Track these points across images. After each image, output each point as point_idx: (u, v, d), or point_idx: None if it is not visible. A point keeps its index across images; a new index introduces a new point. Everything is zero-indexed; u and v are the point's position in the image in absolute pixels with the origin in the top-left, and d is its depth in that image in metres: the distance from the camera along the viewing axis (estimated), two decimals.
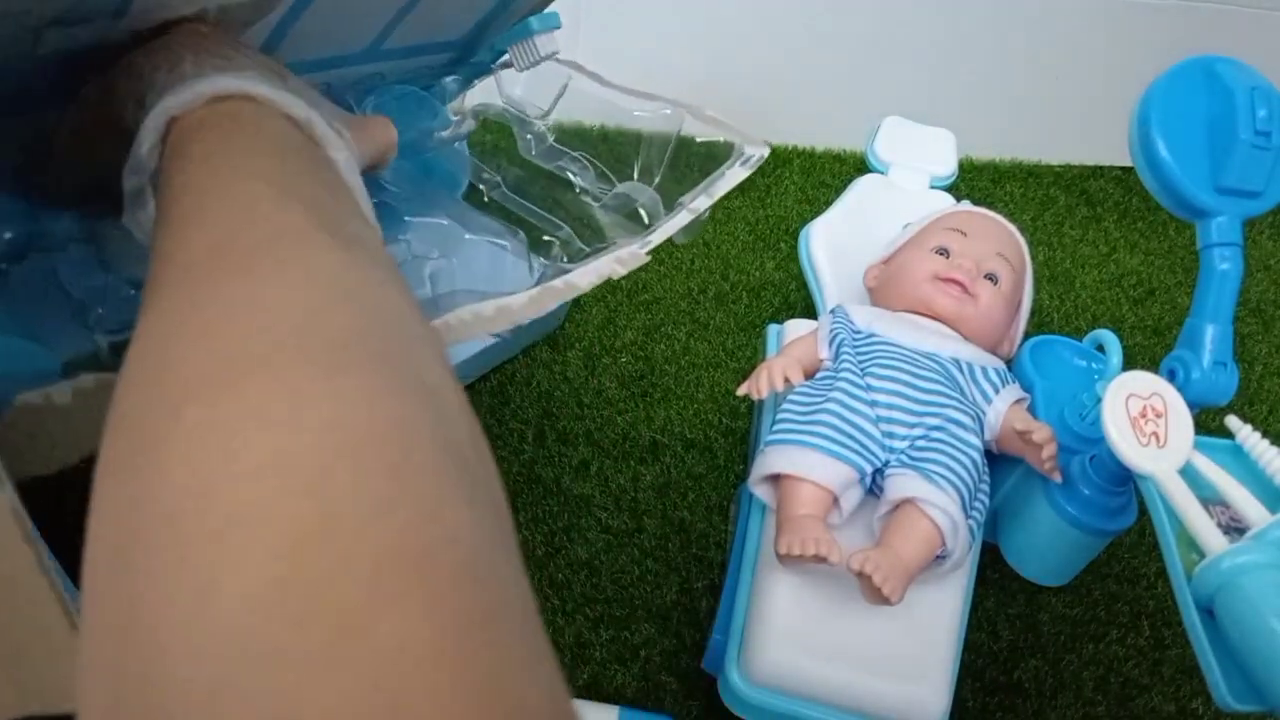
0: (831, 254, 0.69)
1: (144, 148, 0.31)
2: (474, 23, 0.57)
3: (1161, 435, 0.44)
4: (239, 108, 0.32)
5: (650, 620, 0.62)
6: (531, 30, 0.58)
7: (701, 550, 0.66)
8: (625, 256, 0.50)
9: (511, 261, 0.62)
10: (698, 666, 0.59)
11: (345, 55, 0.52)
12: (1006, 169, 1.09)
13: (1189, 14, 1.01)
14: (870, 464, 0.52)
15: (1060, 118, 1.09)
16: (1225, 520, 0.42)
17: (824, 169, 1.04)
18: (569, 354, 0.78)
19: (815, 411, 0.53)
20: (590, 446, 0.71)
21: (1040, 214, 1.03)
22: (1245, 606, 0.37)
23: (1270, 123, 0.47)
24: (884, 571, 0.46)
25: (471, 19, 0.56)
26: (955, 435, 0.52)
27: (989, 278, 0.60)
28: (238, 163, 0.29)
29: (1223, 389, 0.48)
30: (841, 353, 0.57)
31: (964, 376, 0.56)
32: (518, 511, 0.66)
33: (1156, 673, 0.63)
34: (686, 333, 0.81)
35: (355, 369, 0.22)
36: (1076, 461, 0.53)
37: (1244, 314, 0.94)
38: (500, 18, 0.57)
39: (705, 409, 0.75)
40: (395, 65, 0.57)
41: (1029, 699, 0.61)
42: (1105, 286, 0.95)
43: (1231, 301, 0.48)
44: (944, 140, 0.77)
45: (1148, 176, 0.49)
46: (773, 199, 0.99)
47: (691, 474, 0.71)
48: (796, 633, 0.50)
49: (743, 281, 0.88)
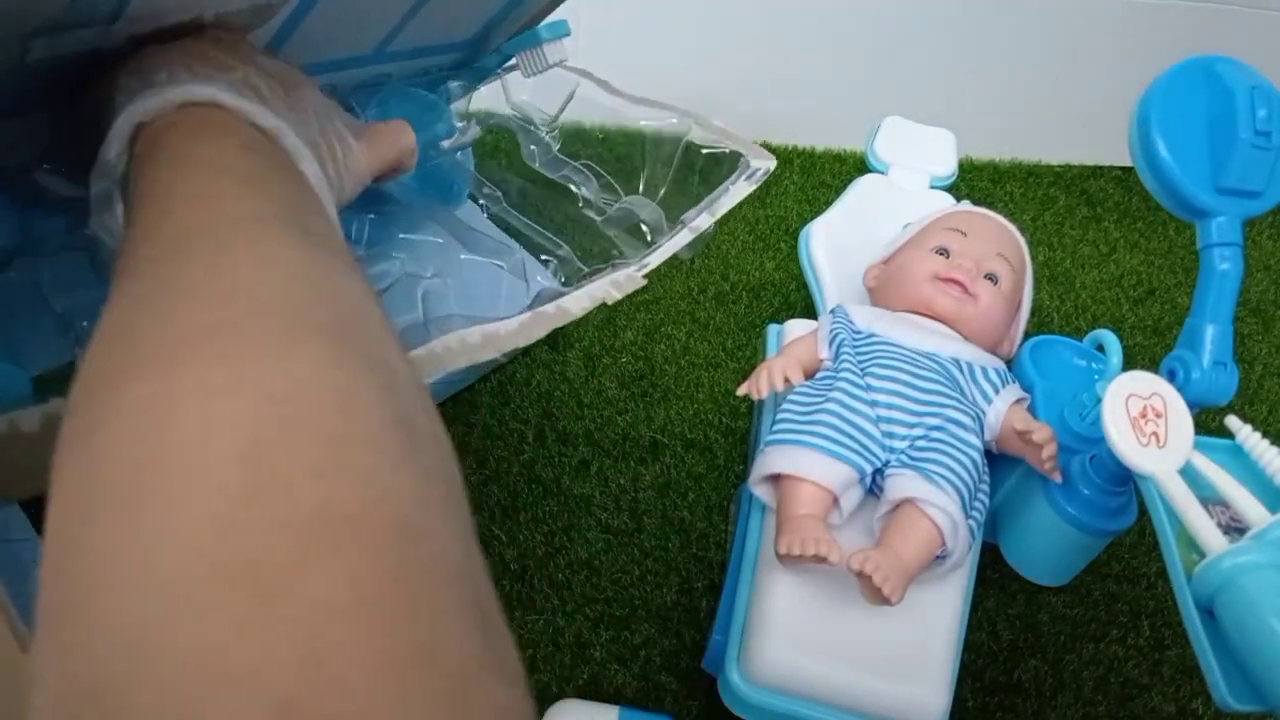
0: (831, 254, 0.69)
1: (111, 152, 0.32)
2: (482, 24, 0.57)
3: (1161, 435, 0.44)
4: (207, 114, 0.33)
5: (650, 620, 0.62)
6: (540, 38, 0.58)
7: (701, 550, 0.66)
8: (622, 280, 0.49)
9: (509, 282, 0.61)
10: (698, 666, 0.59)
11: (353, 57, 0.52)
12: (1006, 169, 1.09)
13: (1189, 14, 1.01)
14: (870, 464, 0.52)
15: (1060, 118, 1.09)
16: (1225, 520, 0.42)
17: (824, 169, 1.04)
18: (569, 354, 0.78)
19: (815, 411, 0.53)
20: (590, 446, 0.71)
21: (1040, 214, 1.03)
22: (1245, 606, 0.37)
23: (1270, 123, 0.47)
24: (884, 571, 0.46)
25: (480, 20, 0.56)
26: (955, 435, 0.52)
27: (989, 278, 0.60)
28: (204, 160, 0.30)
29: (1223, 389, 0.48)
30: (841, 353, 0.56)
31: (964, 376, 0.56)
32: (518, 512, 0.66)
33: (1156, 673, 0.63)
34: (686, 333, 0.81)
35: (305, 343, 0.22)
36: (1076, 461, 0.53)
37: (1244, 314, 0.94)
38: (509, 19, 0.57)
39: (705, 409, 0.75)
40: (401, 66, 0.56)
41: (1029, 699, 0.61)
42: (1105, 286, 0.95)
43: (1231, 301, 0.48)
44: (944, 140, 0.77)
45: (1148, 176, 0.49)
46: (773, 199, 0.99)
47: (691, 474, 0.71)
48: (796, 633, 0.50)
49: (743, 281, 0.88)
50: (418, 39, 0.54)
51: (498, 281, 0.62)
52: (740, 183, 0.56)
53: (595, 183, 0.63)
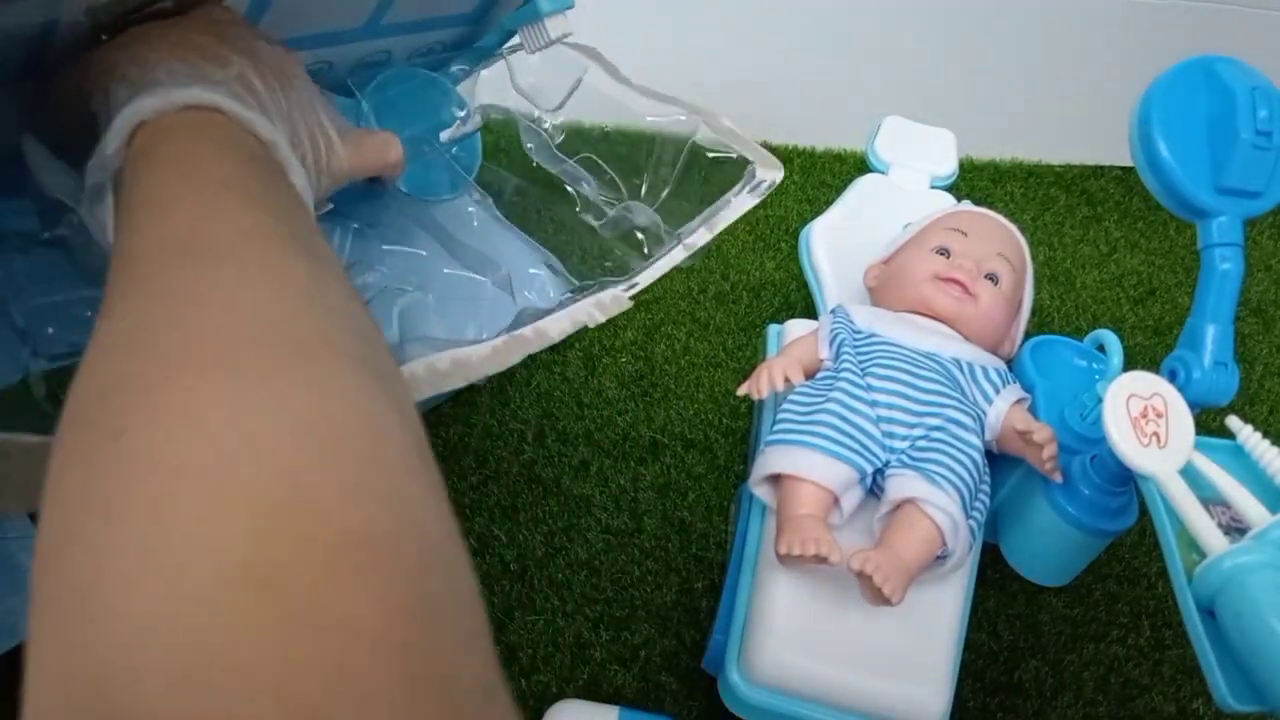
0: (831, 254, 0.69)
1: (110, 147, 0.32)
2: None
3: (1162, 435, 0.44)
4: (208, 118, 0.32)
5: (650, 620, 0.62)
6: (541, 12, 0.55)
7: (701, 550, 0.66)
8: (606, 301, 0.48)
9: (493, 298, 0.59)
10: (698, 666, 0.59)
11: (341, 31, 0.50)
12: (1006, 169, 1.09)
13: (1189, 14, 1.01)
14: (870, 464, 0.52)
15: (1060, 118, 1.09)
16: (1226, 520, 0.42)
17: (824, 169, 1.04)
18: (569, 354, 0.78)
19: (815, 411, 0.53)
20: (590, 446, 0.71)
21: (1040, 214, 1.03)
22: (1246, 607, 0.37)
23: (1271, 122, 0.47)
24: (885, 572, 0.46)
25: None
26: (956, 435, 0.52)
27: (989, 278, 0.60)
28: (206, 167, 0.30)
29: (1223, 389, 0.48)
30: (842, 353, 0.56)
31: (964, 376, 0.56)
32: (518, 512, 0.66)
33: (1157, 673, 0.63)
34: (686, 332, 0.81)
35: (331, 367, 0.23)
36: (1077, 461, 0.53)
37: (1245, 314, 0.94)
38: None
39: (705, 409, 0.75)
40: (399, 42, 0.54)
41: (1029, 699, 0.61)
42: (1105, 286, 0.95)
43: (1232, 301, 0.48)
44: (944, 140, 0.77)
45: (1148, 176, 0.49)
46: (773, 199, 0.99)
47: (691, 474, 0.71)
48: (797, 633, 0.50)
49: (743, 281, 0.88)
50: (415, 11, 0.51)
51: (479, 298, 0.60)
52: (743, 195, 0.54)
53: (595, 181, 0.62)
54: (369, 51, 0.53)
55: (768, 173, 0.55)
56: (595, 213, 0.62)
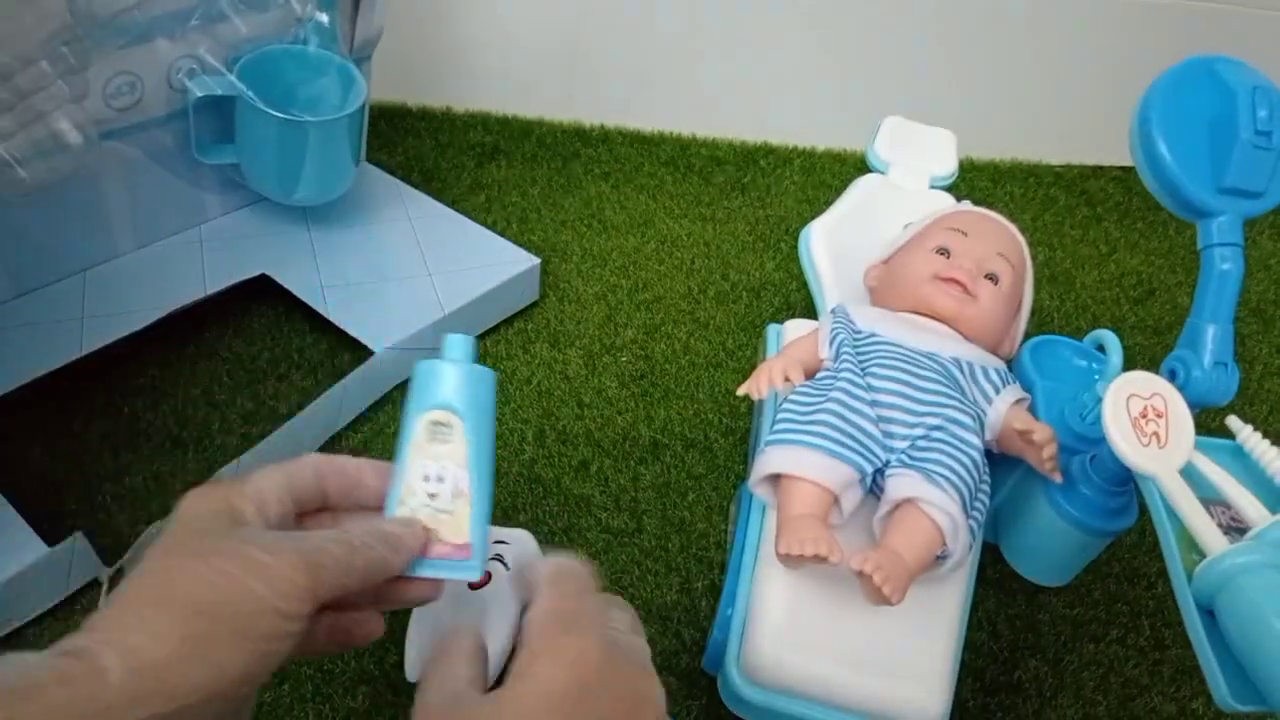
0: (831, 254, 0.69)
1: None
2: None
3: (1162, 435, 0.44)
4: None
5: (650, 620, 0.62)
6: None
7: (701, 550, 0.66)
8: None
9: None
10: (698, 666, 0.59)
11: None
12: (1006, 169, 1.09)
13: (1189, 14, 1.01)
14: (870, 464, 0.51)
15: (1060, 118, 1.09)
16: (1226, 520, 0.42)
17: (824, 169, 1.04)
18: (569, 353, 0.78)
19: (815, 411, 0.53)
20: (590, 446, 0.71)
21: (1040, 214, 1.03)
22: (1246, 606, 0.37)
23: (1271, 122, 0.47)
24: (885, 571, 0.46)
25: None
26: (956, 435, 0.52)
27: (989, 278, 0.60)
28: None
29: (1223, 389, 0.48)
30: (842, 353, 0.56)
31: (964, 376, 0.56)
32: (518, 512, 0.66)
33: (1156, 673, 0.63)
34: (686, 332, 0.81)
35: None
36: (1077, 461, 0.53)
37: (1244, 314, 0.94)
38: None
39: (705, 409, 0.75)
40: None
41: (1029, 699, 0.61)
42: (1105, 286, 0.95)
43: (1232, 301, 0.48)
44: (944, 140, 0.77)
45: (1148, 176, 0.49)
46: (773, 199, 0.99)
47: (691, 474, 0.71)
48: (797, 633, 0.50)
49: (743, 281, 0.88)
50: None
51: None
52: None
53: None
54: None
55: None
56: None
